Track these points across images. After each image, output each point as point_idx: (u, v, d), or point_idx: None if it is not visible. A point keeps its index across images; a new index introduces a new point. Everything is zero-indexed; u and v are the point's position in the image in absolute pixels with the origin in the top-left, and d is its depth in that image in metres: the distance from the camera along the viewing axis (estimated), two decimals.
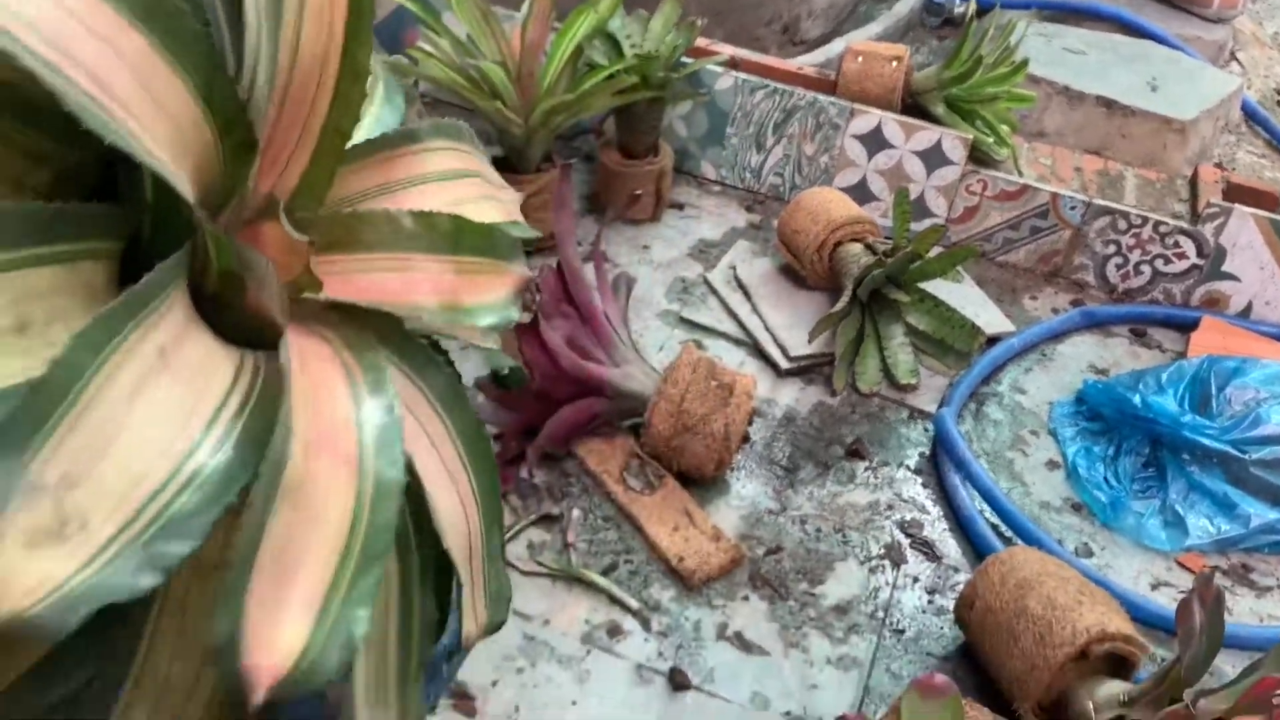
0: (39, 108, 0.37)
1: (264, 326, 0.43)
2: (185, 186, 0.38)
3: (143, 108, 0.36)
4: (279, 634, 0.35)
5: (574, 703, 1.22)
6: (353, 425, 0.40)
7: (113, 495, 0.32)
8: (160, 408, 0.35)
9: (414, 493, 0.46)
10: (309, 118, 0.44)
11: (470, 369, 1.68)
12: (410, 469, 0.44)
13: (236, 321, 0.42)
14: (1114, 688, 1.19)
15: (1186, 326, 1.97)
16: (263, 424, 0.37)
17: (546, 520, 1.44)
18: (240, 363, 0.40)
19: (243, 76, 0.42)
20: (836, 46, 2.68)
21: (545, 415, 1.49)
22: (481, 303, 0.46)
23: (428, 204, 0.49)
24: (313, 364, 0.42)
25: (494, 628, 0.54)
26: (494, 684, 1.22)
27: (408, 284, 0.46)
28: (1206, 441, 1.56)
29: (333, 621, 0.36)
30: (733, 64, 2.12)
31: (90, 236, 0.39)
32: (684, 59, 2.01)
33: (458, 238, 0.47)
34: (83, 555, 0.32)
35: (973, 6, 2.12)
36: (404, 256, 0.47)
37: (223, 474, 0.35)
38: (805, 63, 2.51)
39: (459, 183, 0.54)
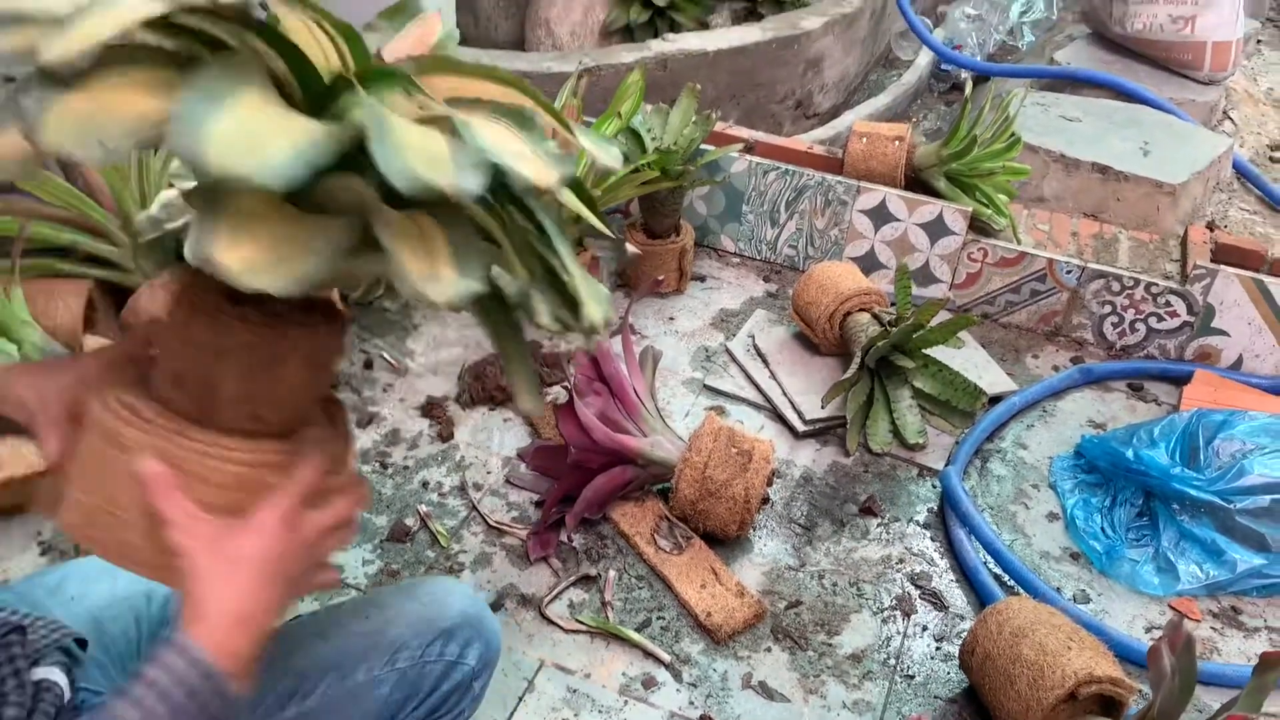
0: None
1: None
2: None
3: None
4: None
5: None
6: None
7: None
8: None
9: None
10: None
11: (512, 439, 1.84)
12: None
13: None
14: None
15: (1181, 380, 2.09)
16: None
17: (586, 580, 1.59)
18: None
19: None
20: (847, 119, 2.85)
21: (582, 483, 1.65)
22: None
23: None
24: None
25: None
26: None
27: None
28: (1194, 492, 1.69)
29: None
30: (749, 149, 2.29)
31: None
32: (704, 146, 2.18)
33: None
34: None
35: (969, 87, 2.28)
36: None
37: None
38: (816, 136, 2.69)
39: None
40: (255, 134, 0.54)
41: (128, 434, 0.72)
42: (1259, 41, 3.71)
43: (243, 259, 0.55)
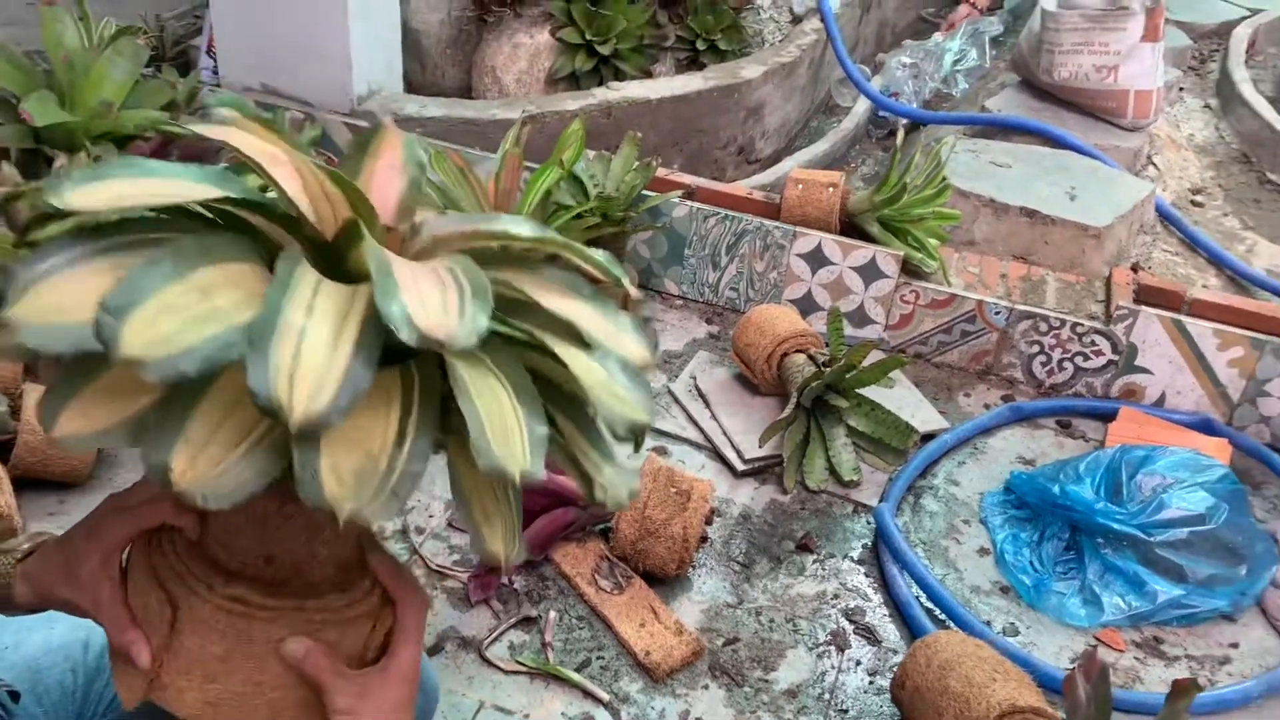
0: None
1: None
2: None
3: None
4: None
5: None
6: None
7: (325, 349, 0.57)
8: (323, 318, 0.59)
9: None
10: None
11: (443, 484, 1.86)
12: None
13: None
14: None
15: (1107, 417, 2.17)
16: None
17: (526, 622, 1.61)
18: (354, 295, 0.63)
19: None
20: (788, 165, 2.93)
21: (523, 525, 1.67)
22: None
23: None
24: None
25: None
26: None
27: None
28: (1117, 526, 1.75)
29: None
30: (689, 195, 2.35)
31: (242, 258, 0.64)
32: (645, 192, 2.24)
33: None
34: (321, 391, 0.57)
35: (900, 135, 2.36)
36: None
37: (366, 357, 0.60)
38: (758, 181, 2.76)
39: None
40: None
41: (256, 628, 0.76)
42: (1180, 90, 3.86)
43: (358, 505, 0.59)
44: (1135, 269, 2.41)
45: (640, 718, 1.48)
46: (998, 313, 2.20)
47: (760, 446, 1.94)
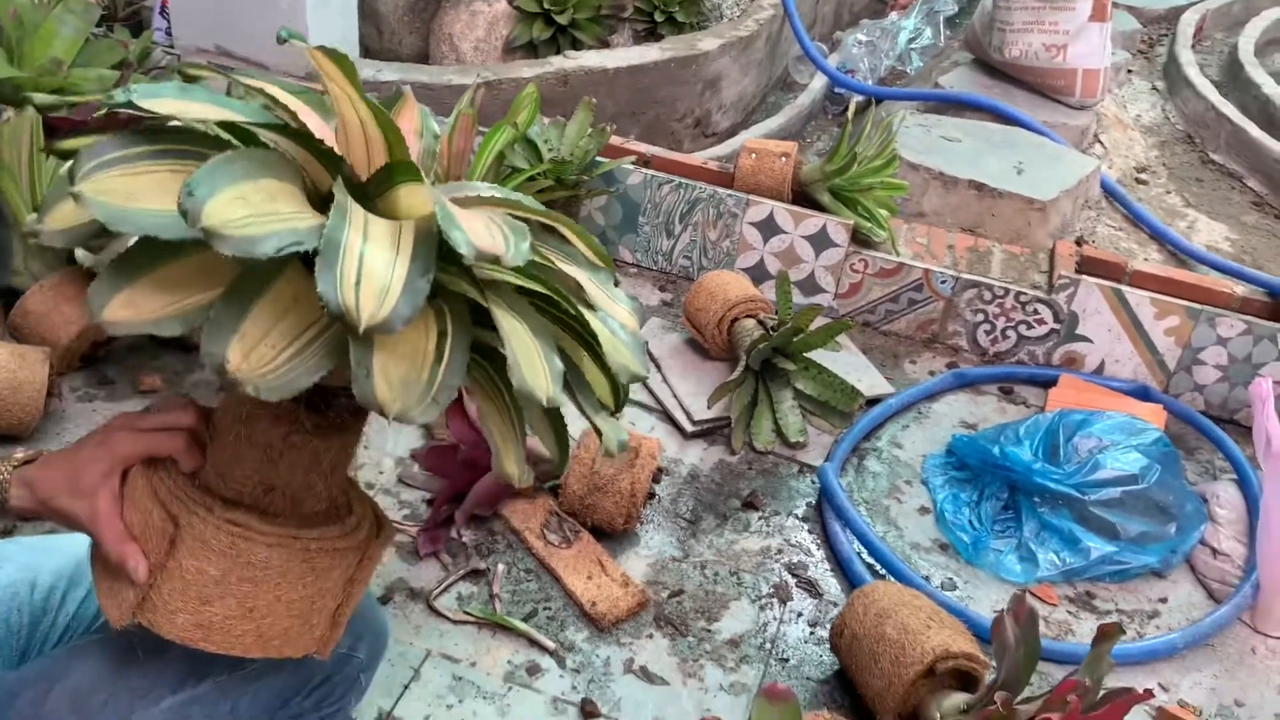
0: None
1: None
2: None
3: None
4: None
5: None
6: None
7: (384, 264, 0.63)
8: (378, 241, 0.64)
9: None
10: None
11: (405, 441, 1.88)
12: None
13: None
14: (958, 699, 1.39)
15: (1048, 384, 2.22)
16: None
17: (475, 574, 1.63)
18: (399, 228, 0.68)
19: None
20: (743, 139, 2.96)
21: (473, 481, 1.69)
22: None
23: None
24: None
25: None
26: (426, 719, 1.40)
27: None
28: (1053, 485, 1.80)
29: None
30: (644, 162, 2.37)
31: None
32: (599, 158, 2.25)
33: None
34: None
35: (852, 107, 2.39)
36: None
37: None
38: (714, 154, 2.78)
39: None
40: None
41: (255, 551, 0.78)
42: (1129, 72, 3.94)
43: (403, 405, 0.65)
44: (1079, 242, 2.46)
45: (585, 665, 1.51)
46: (944, 282, 2.25)
47: (709, 408, 1.97)
